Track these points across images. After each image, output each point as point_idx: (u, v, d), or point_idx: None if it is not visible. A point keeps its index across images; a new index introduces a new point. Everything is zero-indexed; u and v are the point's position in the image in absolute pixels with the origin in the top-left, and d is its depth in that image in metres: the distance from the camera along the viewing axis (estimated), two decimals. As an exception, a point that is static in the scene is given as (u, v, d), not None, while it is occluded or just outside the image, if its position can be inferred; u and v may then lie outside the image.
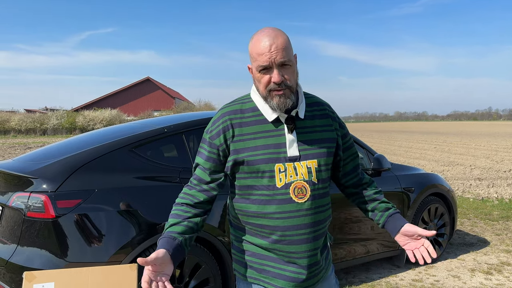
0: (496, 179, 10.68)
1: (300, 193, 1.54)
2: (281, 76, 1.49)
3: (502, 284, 4.00)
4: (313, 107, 1.65)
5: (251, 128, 1.57)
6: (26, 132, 32.44)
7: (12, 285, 2.61)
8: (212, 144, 1.59)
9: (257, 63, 1.50)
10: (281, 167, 1.53)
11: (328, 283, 1.72)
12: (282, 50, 1.48)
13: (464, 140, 26.60)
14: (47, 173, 2.70)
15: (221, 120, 1.60)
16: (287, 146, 1.55)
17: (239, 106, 1.62)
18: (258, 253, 1.61)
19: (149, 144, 3.07)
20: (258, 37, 1.51)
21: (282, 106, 1.51)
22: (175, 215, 1.58)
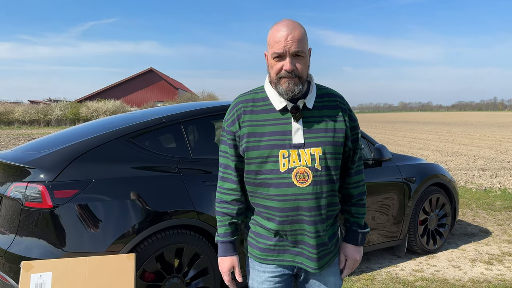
0: (499, 170, 10.63)
1: (301, 178, 1.63)
2: (292, 65, 1.60)
3: (503, 274, 3.99)
4: (324, 98, 1.74)
5: (260, 116, 1.69)
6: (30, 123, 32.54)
7: (11, 275, 2.62)
8: (230, 132, 1.73)
9: (273, 50, 1.62)
10: (285, 153, 1.64)
11: (333, 270, 1.81)
12: (297, 41, 1.59)
13: (469, 131, 26.47)
14: (45, 163, 2.70)
15: (235, 108, 1.74)
16: (292, 133, 1.65)
17: (252, 96, 1.75)
18: (262, 234, 1.74)
19: (147, 134, 3.06)
20: (278, 26, 1.63)
21: (290, 92, 1.63)
22: (220, 213, 1.79)
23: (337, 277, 1.81)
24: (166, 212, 2.82)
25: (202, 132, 3.49)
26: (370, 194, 3.92)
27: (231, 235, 1.78)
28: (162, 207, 2.82)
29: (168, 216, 2.82)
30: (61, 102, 35.81)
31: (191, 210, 2.90)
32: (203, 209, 2.94)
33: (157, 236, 2.79)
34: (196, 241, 2.93)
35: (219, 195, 1.79)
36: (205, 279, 2.98)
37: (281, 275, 1.77)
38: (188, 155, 3.10)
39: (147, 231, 2.73)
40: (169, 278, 2.85)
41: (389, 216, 4.10)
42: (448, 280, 3.83)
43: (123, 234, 2.67)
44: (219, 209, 1.79)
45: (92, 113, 33.89)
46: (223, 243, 1.78)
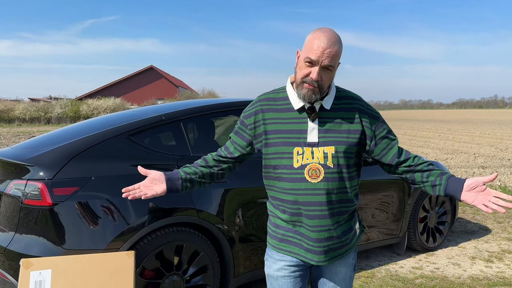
0: (500, 167, 10.63)
1: (313, 174, 1.73)
2: (319, 76, 1.68)
3: (502, 271, 3.99)
4: (342, 101, 1.82)
5: (279, 114, 1.79)
6: (31, 121, 32.53)
7: (10, 272, 2.63)
8: (243, 122, 1.87)
9: (307, 54, 1.69)
10: (299, 150, 1.74)
11: (345, 261, 1.89)
12: (332, 57, 1.67)
13: (469, 128, 26.45)
14: (44, 161, 2.70)
15: (256, 104, 1.85)
16: (308, 132, 1.75)
17: (274, 95, 1.85)
18: (280, 225, 1.85)
19: (146, 132, 3.06)
20: (321, 35, 1.68)
21: (307, 98, 1.72)
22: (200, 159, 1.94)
23: (349, 268, 1.90)
24: (166, 209, 2.82)
25: (202, 130, 3.49)
26: (370, 192, 3.92)
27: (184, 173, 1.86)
28: (162, 205, 2.82)
29: (167, 213, 2.82)
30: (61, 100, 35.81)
31: (191, 207, 2.90)
32: (203, 206, 2.94)
33: (156, 233, 2.79)
34: (196, 238, 2.93)
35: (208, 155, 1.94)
36: (204, 276, 2.98)
37: (296, 265, 1.85)
38: (187, 152, 3.10)
39: (146, 228, 2.73)
40: (169, 275, 2.85)
41: (389, 214, 4.10)
42: (447, 278, 3.84)
43: (123, 232, 2.67)
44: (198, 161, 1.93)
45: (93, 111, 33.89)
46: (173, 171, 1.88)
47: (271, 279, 1.90)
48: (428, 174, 1.80)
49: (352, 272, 1.92)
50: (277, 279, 1.87)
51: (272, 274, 1.88)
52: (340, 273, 1.88)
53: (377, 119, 1.83)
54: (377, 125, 1.82)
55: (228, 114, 3.65)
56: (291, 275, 1.85)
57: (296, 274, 1.86)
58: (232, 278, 3.12)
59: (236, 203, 3.10)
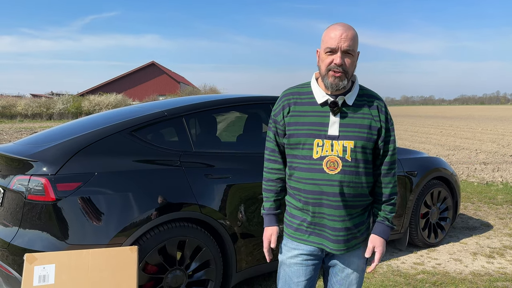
0: (501, 163, 10.62)
1: (331, 166, 1.80)
2: (342, 59, 1.77)
3: (504, 267, 4.00)
4: (364, 98, 1.89)
5: (303, 107, 1.87)
6: (33, 117, 32.57)
7: (14, 267, 2.64)
8: (275, 120, 1.95)
9: (326, 45, 1.79)
10: (319, 142, 1.81)
11: (358, 253, 1.94)
12: (349, 40, 1.77)
13: (471, 124, 26.40)
14: (47, 156, 2.71)
15: (282, 100, 1.94)
16: (329, 125, 1.81)
17: (298, 89, 1.94)
18: (295, 215, 1.92)
19: (149, 128, 3.06)
20: (334, 26, 1.81)
21: (335, 86, 1.80)
22: (266, 190, 2.03)
23: (361, 260, 1.95)
24: (168, 205, 2.83)
25: (204, 126, 3.49)
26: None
27: (275, 209, 2.00)
28: (164, 200, 2.83)
29: (170, 209, 2.83)
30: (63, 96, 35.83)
31: (193, 203, 2.91)
32: (205, 202, 2.96)
33: (159, 229, 2.80)
34: (198, 234, 2.94)
35: (266, 175, 2.02)
36: (207, 271, 3.00)
37: (309, 254, 1.92)
38: (190, 148, 3.11)
39: (149, 224, 2.75)
40: (172, 270, 2.87)
41: (391, 210, 4.10)
42: (449, 273, 3.85)
43: (126, 227, 2.68)
44: (266, 186, 2.02)
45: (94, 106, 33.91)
46: (267, 215, 2.01)
47: (284, 266, 1.97)
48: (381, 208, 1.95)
49: (364, 264, 1.98)
50: (290, 266, 1.94)
51: (286, 261, 1.96)
52: (353, 263, 1.94)
53: (391, 123, 1.93)
54: (389, 129, 1.91)
55: (230, 110, 3.65)
56: (303, 263, 1.92)
57: (309, 263, 1.92)
58: (234, 273, 3.13)
59: (238, 198, 3.11)
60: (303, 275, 1.92)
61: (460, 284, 3.61)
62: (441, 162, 4.73)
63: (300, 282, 1.93)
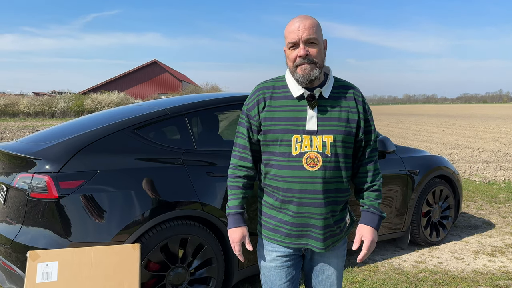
0: (504, 162, 10.60)
1: (312, 162, 1.73)
2: (306, 50, 1.71)
3: (505, 266, 4.00)
4: (340, 89, 1.84)
5: (278, 102, 1.80)
6: (35, 115, 32.64)
7: (18, 264, 2.66)
8: (249, 115, 1.85)
9: (288, 40, 1.74)
10: (298, 138, 1.74)
11: (336, 253, 1.91)
12: (308, 29, 1.71)
13: (473, 123, 26.34)
14: (50, 154, 2.72)
15: (256, 94, 1.85)
16: (307, 120, 1.75)
17: (273, 83, 1.86)
18: (272, 215, 1.85)
19: (151, 126, 3.07)
20: (292, 20, 1.77)
21: (306, 77, 1.73)
22: (234, 187, 1.90)
23: (340, 260, 1.93)
24: (171, 203, 2.84)
25: (206, 124, 3.50)
26: (374, 186, 3.93)
27: (242, 207, 1.89)
28: (167, 198, 2.84)
29: (172, 207, 2.84)
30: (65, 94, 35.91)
31: (195, 201, 2.92)
32: (207, 200, 2.96)
33: (161, 226, 2.81)
34: (200, 231, 2.95)
35: (233, 171, 1.91)
36: (209, 269, 3.01)
37: (289, 255, 1.87)
38: (192, 146, 3.11)
39: (151, 221, 2.76)
40: (174, 268, 2.88)
41: (393, 208, 4.11)
42: (450, 272, 3.85)
43: (128, 225, 2.69)
44: (233, 183, 1.90)
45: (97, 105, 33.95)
46: (235, 215, 1.88)
47: (264, 270, 1.93)
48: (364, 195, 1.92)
49: (343, 263, 1.95)
50: (270, 269, 1.89)
51: (265, 265, 1.91)
52: (333, 263, 1.91)
53: (369, 113, 1.88)
54: (368, 119, 1.87)
55: (231, 108, 3.66)
56: (283, 265, 1.87)
57: (289, 264, 1.88)
58: (236, 271, 3.14)
59: (240, 196, 3.12)
60: (285, 276, 1.88)
61: (462, 283, 3.61)
62: (443, 160, 4.72)
63: (282, 285, 1.89)
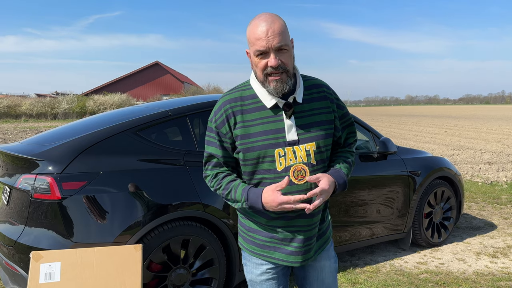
0: (506, 163, 10.58)
1: (299, 175, 1.62)
2: (277, 60, 1.55)
3: (507, 267, 4.00)
4: (312, 90, 1.71)
5: (251, 115, 1.64)
6: (37, 117, 32.72)
7: (21, 265, 2.67)
8: (220, 133, 1.68)
9: (255, 48, 1.56)
10: (280, 152, 1.61)
11: (327, 254, 1.84)
12: (278, 35, 1.53)
13: (476, 124, 26.30)
14: (53, 155, 2.74)
15: (223, 109, 1.67)
16: (286, 131, 1.62)
17: (239, 93, 1.68)
18: (259, 230, 1.74)
19: (153, 127, 3.09)
20: (256, 22, 1.57)
21: (279, 91, 1.59)
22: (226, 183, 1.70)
23: (332, 261, 1.86)
24: (172, 204, 2.86)
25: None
26: (375, 187, 3.93)
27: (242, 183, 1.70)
28: (168, 199, 2.85)
29: (174, 208, 2.85)
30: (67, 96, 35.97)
31: (197, 202, 2.93)
32: (209, 201, 2.97)
33: (163, 227, 2.83)
34: (202, 232, 2.96)
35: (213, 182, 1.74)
36: (210, 270, 3.02)
37: (278, 266, 1.79)
38: (193, 148, 3.13)
39: (153, 222, 2.77)
40: (176, 268, 2.89)
41: (394, 209, 4.11)
42: (452, 273, 3.85)
43: (130, 226, 2.70)
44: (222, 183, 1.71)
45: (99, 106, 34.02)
46: (250, 190, 1.64)
47: (254, 284, 1.83)
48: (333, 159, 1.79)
49: (335, 264, 1.88)
50: (261, 283, 1.80)
51: (255, 279, 1.81)
52: (325, 267, 1.84)
53: (343, 108, 1.79)
54: (343, 114, 1.79)
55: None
56: (274, 277, 1.79)
57: (279, 274, 1.80)
58: (237, 272, 3.15)
59: (242, 197, 3.13)
60: (276, 287, 1.81)
61: (463, 284, 3.61)
62: (444, 161, 4.73)
63: None
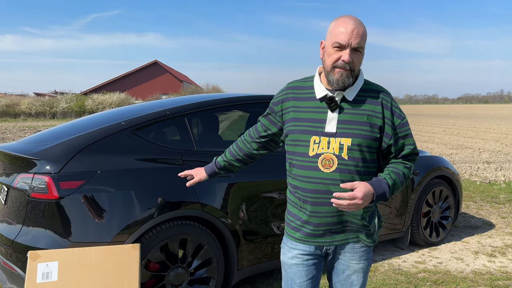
0: (504, 162, 10.59)
1: (326, 164, 1.74)
2: (351, 57, 1.70)
3: (505, 266, 4.01)
4: (368, 93, 1.81)
5: (302, 103, 1.83)
6: (36, 116, 32.66)
7: (18, 264, 2.67)
8: (271, 108, 1.94)
9: (335, 39, 1.70)
10: (316, 139, 1.76)
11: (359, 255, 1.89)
12: (360, 37, 1.70)
13: (474, 123, 26.32)
14: (51, 155, 2.73)
15: (284, 92, 1.91)
16: (326, 122, 1.75)
17: (301, 83, 1.89)
18: (294, 213, 1.88)
19: (151, 127, 3.08)
20: (345, 19, 1.72)
21: (341, 83, 1.73)
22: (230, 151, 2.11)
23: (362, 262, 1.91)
24: (170, 203, 2.85)
25: (206, 125, 3.51)
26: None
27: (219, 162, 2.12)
28: (166, 199, 2.85)
29: (172, 207, 2.85)
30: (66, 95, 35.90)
31: (195, 201, 2.93)
32: (207, 200, 2.97)
33: (161, 227, 2.82)
34: (200, 232, 2.96)
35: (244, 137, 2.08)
36: (209, 269, 3.02)
37: (310, 254, 1.87)
38: (192, 147, 3.12)
39: (151, 222, 2.77)
40: (174, 268, 2.89)
41: (392, 208, 4.12)
42: (450, 272, 3.86)
43: (128, 225, 2.70)
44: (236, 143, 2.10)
45: (98, 105, 33.98)
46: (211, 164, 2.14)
47: (285, 266, 1.93)
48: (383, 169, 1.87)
49: (367, 266, 1.92)
50: (291, 266, 1.89)
51: (286, 261, 1.92)
52: (353, 265, 1.89)
53: (401, 118, 1.82)
54: (400, 124, 1.81)
55: (232, 109, 3.67)
56: (304, 263, 1.87)
57: (310, 263, 1.87)
58: (236, 271, 3.15)
59: (240, 197, 3.13)
60: (305, 275, 1.88)
61: (461, 283, 3.62)
62: (443, 161, 4.73)
63: (302, 283, 1.89)
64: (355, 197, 1.64)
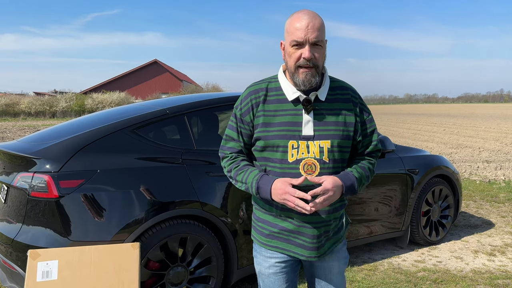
0: (504, 162, 10.60)
1: (309, 169, 1.66)
2: (311, 53, 1.61)
3: (505, 265, 4.01)
4: (337, 91, 1.75)
5: (272, 106, 1.71)
6: (36, 115, 32.66)
7: (18, 263, 2.67)
8: (244, 121, 1.76)
9: (292, 38, 1.63)
10: (294, 144, 1.66)
11: (337, 255, 1.86)
12: (317, 30, 1.61)
13: (474, 123, 26.32)
14: (50, 154, 2.74)
15: (249, 98, 1.76)
16: (303, 125, 1.67)
17: (265, 85, 1.77)
18: (269, 221, 1.78)
19: (151, 126, 3.09)
20: (298, 15, 1.64)
21: (307, 83, 1.64)
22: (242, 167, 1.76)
23: (341, 262, 1.88)
24: (170, 202, 2.86)
25: (206, 124, 3.51)
26: (373, 185, 3.94)
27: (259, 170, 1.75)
28: (166, 198, 2.85)
29: (172, 206, 2.85)
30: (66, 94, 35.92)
31: (195, 200, 2.93)
32: (207, 199, 2.98)
33: (161, 225, 2.83)
34: (200, 230, 2.96)
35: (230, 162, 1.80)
36: (208, 268, 3.02)
37: (287, 261, 1.82)
38: (191, 146, 3.13)
39: (151, 221, 2.77)
40: (173, 267, 2.89)
41: (392, 207, 4.12)
42: (450, 271, 3.86)
43: (128, 224, 2.70)
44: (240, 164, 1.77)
45: (97, 104, 33.98)
46: (262, 177, 1.69)
47: (263, 276, 1.87)
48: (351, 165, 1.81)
49: (344, 265, 1.90)
50: (269, 276, 1.84)
51: (264, 271, 1.85)
52: (334, 267, 1.86)
53: (367, 114, 1.81)
54: (367, 120, 1.80)
55: (231, 108, 3.66)
56: (282, 271, 1.82)
57: (288, 270, 1.83)
58: (235, 270, 3.15)
59: (239, 196, 3.13)
60: (284, 282, 1.83)
61: (461, 282, 3.62)
62: (442, 160, 4.73)
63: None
64: (326, 189, 1.60)
